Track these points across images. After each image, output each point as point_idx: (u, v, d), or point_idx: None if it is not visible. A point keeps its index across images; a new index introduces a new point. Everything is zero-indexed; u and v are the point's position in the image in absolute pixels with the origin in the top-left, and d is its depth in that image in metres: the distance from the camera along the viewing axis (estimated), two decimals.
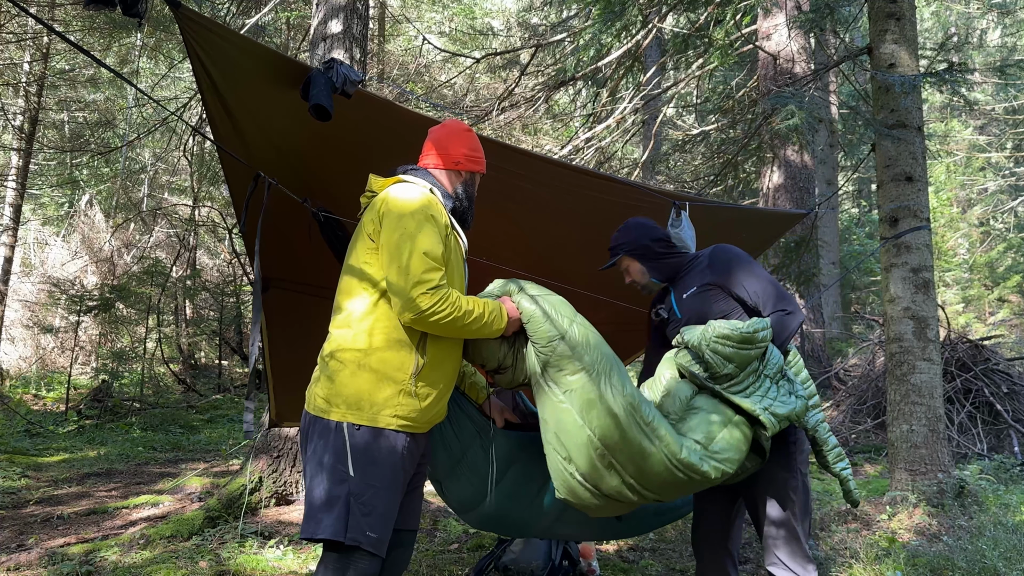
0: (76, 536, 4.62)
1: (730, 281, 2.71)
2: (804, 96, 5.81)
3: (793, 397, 2.54)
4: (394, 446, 2.28)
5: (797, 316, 2.65)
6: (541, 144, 12.77)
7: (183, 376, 12.23)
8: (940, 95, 19.74)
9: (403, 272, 2.24)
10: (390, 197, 2.37)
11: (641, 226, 2.97)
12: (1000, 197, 21.69)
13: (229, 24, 8.15)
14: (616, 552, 4.50)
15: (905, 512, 4.78)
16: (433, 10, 15.51)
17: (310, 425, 2.33)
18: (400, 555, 2.51)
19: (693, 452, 2.39)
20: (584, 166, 7.83)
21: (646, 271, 2.92)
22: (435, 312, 2.24)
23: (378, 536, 2.22)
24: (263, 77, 2.57)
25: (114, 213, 14.53)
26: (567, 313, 2.48)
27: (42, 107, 11.59)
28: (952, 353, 8.01)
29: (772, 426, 2.46)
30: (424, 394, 2.33)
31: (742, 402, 2.48)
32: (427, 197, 2.38)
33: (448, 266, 2.37)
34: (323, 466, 2.24)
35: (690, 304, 2.78)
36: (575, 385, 2.37)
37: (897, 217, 5.12)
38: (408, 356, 2.30)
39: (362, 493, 2.21)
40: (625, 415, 2.33)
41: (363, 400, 2.25)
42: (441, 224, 2.36)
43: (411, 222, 2.29)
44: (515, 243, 3.70)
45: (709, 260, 2.79)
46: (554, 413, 2.41)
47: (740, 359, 2.48)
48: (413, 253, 2.24)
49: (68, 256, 14.33)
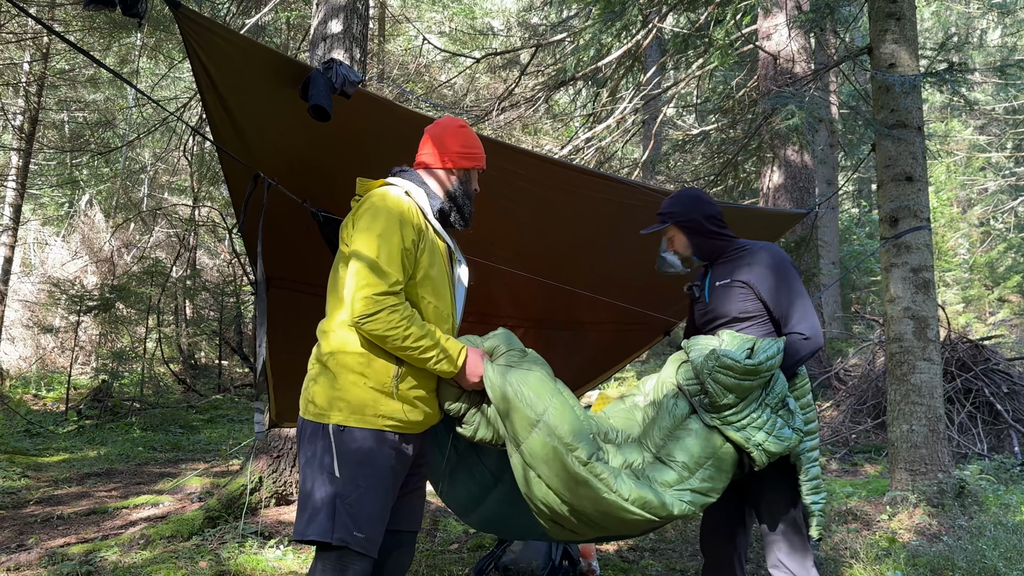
0: (76, 536, 4.62)
1: (763, 286, 2.65)
2: (804, 96, 5.81)
3: (789, 430, 2.46)
4: (382, 447, 2.26)
5: (813, 343, 2.58)
6: (541, 144, 12.77)
7: (183, 376, 12.24)
8: (940, 95, 19.74)
9: (354, 275, 2.23)
10: (365, 202, 2.34)
11: (697, 199, 2.84)
12: (1000, 197, 21.68)
13: (229, 24, 8.14)
14: (616, 552, 4.50)
15: (905, 512, 4.78)
16: (433, 10, 15.51)
17: (300, 428, 2.34)
18: (402, 556, 2.50)
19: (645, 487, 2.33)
20: (584, 166, 7.83)
21: (690, 246, 2.82)
22: (370, 320, 2.20)
23: (366, 536, 2.21)
24: (263, 77, 2.57)
25: (114, 213, 14.53)
26: (539, 403, 2.35)
27: (42, 107, 11.59)
28: (952, 353, 8.01)
29: (761, 463, 2.42)
30: (409, 397, 2.31)
31: (734, 435, 2.41)
32: (399, 202, 2.32)
33: (421, 272, 2.33)
34: (311, 468, 2.25)
35: (719, 294, 2.73)
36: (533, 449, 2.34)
37: (897, 217, 5.12)
38: (389, 359, 2.29)
39: (349, 494, 2.20)
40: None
41: (349, 402, 2.25)
42: (413, 229, 2.30)
43: (375, 227, 2.25)
44: (515, 243, 3.69)
45: (753, 257, 2.71)
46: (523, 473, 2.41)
47: (741, 390, 2.41)
48: (365, 258, 2.22)
49: (68, 256, 14.34)
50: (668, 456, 2.45)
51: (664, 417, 2.54)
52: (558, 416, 2.31)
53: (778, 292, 2.63)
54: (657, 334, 4.68)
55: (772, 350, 2.44)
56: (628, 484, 2.30)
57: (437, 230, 2.43)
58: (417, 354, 2.26)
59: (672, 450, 2.46)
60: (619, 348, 4.74)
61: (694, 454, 2.42)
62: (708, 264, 2.86)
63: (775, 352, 2.44)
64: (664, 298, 4.23)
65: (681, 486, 2.39)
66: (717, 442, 2.44)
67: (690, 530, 4.88)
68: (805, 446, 2.57)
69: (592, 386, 4.80)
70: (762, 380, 2.43)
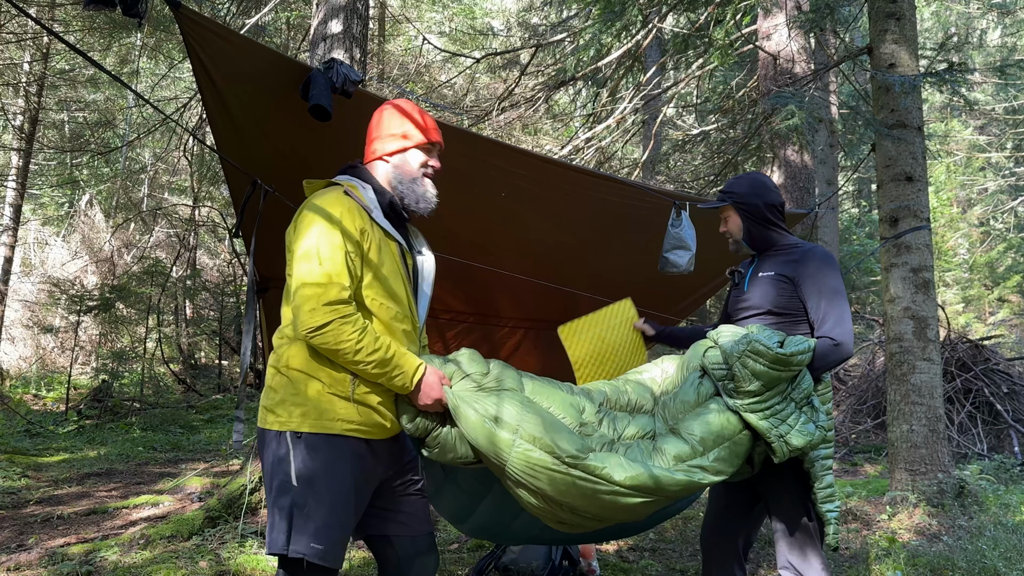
0: (76, 536, 4.62)
1: (807, 285, 2.61)
2: (804, 96, 5.81)
3: (813, 425, 2.42)
4: (342, 453, 2.14)
5: (842, 351, 2.53)
6: (541, 144, 12.78)
7: (183, 376, 12.24)
8: (940, 95, 19.75)
9: (299, 285, 2.10)
10: (303, 207, 2.22)
11: (763, 185, 2.77)
12: (1000, 197, 21.68)
13: (229, 24, 8.15)
14: (616, 552, 4.50)
15: (905, 512, 4.78)
16: (433, 10, 15.52)
17: (259, 439, 2.24)
18: (425, 562, 2.37)
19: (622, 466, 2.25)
20: (584, 166, 7.83)
21: (743, 230, 2.76)
22: (319, 333, 2.07)
23: (325, 548, 2.09)
24: (263, 77, 2.57)
25: (114, 213, 14.54)
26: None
27: (42, 107, 11.59)
28: (952, 353, 8.02)
29: (782, 455, 2.37)
30: (372, 401, 2.19)
31: (758, 423, 2.37)
32: (337, 203, 2.18)
33: (370, 273, 2.19)
34: (270, 478, 2.16)
35: (760, 285, 2.70)
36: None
37: (897, 217, 5.12)
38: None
39: (305, 503, 2.10)
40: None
41: (305, 408, 2.14)
42: (355, 230, 2.16)
43: (313, 232, 2.12)
44: (515, 243, 3.70)
45: (802, 255, 2.66)
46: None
47: (769, 379, 2.37)
48: (308, 267, 2.09)
49: (68, 256, 14.34)
50: (687, 430, 2.42)
51: (688, 392, 2.51)
52: (533, 426, 2.23)
53: (819, 294, 2.59)
54: None
55: (803, 346, 2.42)
56: (621, 467, 2.24)
57: (384, 226, 2.27)
58: (370, 368, 2.13)
59: (691, 425, 2.42)
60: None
61: (713, 432, 2.38)
62: (755, 254, 2.82)
63: (806, 348, 2.42)
64: (665, 298, 4.23)
65: (693, 461, 2.35)
66: (737, 427, 2.41)
67: (690, 530, 4.89)
68: (820, 453, 2.52)
69: None
70: (790, 373, 2.40)
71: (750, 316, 2.72)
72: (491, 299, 4.03)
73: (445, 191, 2.47)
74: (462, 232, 3.45)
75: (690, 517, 5.08)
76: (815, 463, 2.53)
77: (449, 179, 3.11)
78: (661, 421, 2.54)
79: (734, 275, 2.88)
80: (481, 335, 4.18)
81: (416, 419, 2.26)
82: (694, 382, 2.53)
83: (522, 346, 4.35)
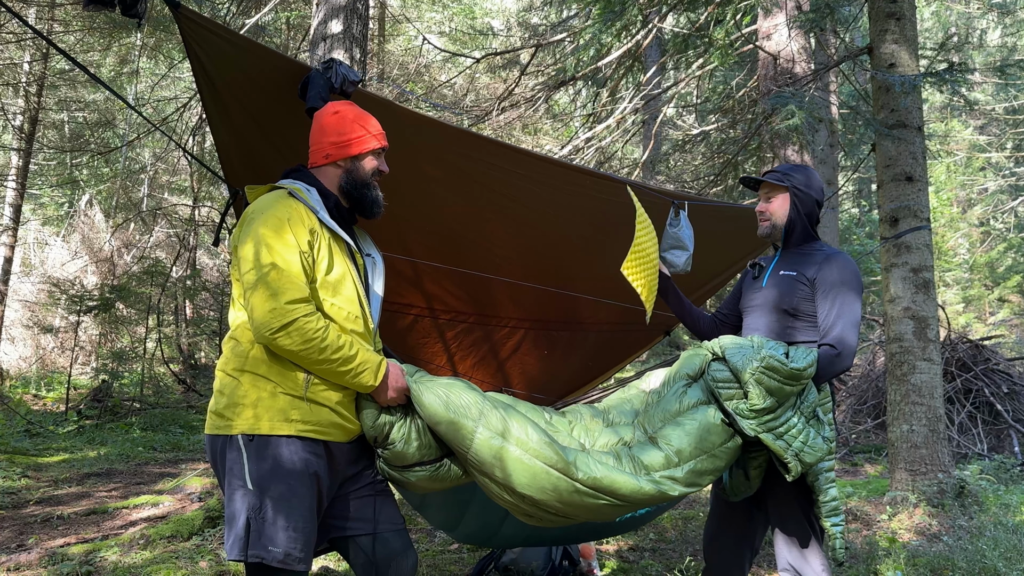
0: (76, 536, 4.62)
1: (824, 290, 2.59)
2: (804, 96, 5.81)
3: (821, 439, 2.39)
4: (298, 454, 2.10)
5: (842, 361, 2.52)
6: (541, 144, 12.78)
7: (183, 376, 12.23)
8: (940, 95, 19.73)
9: (255, 287, 2.06)
10: (248, 210, 2.20)
11: (817, 182, 2.78)
12: (1000, 197, 21.68)
13: (229, 24, 8.14)
14: (616, 552, 4.50)
15: (905, 512, 4.78)
16: (433, 10, 15.52)
17: (211, 447, 2.20)
18: (400, 563, 2.29)
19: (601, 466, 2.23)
20: (584, 166, 7.83)
21: (787, 218, 2.73)
22: (281, 334, 2.02)
23: (283, 550, 2.05)
24: (263, 77, 2.56)
25: (114, 213, 14.53)
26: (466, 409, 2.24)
27: (42, 107, 11.59)
28: (952, 353, 8.02)
29: (796, 473, 2.34)
30: (331, 400, 2.16)
31: (772, 444, 2.31)
32: (284, 205, 2.16)
33: (321, 274, 2.15)
34: (227, 484, 2.12)
35: (779, 282, 2.69)
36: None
37: (897, 217, 5.12)
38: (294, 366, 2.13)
39: (261, 507, 2.07)
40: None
41: (257, 410, 2.10)
42: (304, 230, 2.14)
43: (264, 233, 2.09)
44: (515, 243, 3.69)
45: (825, 259, 2.65)
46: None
47: (782, 395, 2.34)
48: (263, 268, 2.06)
49: (68, 256, 14.33)
50: (664, 439, 2.38)
51: (670, 401, 2.48)
52: (497, 413, 2.22)
53: (833, 301, 2.57)
54: (657, 334, 4.67)
55: (810, 358, 2.39)
56: (586, 465, 2.21)
57: (332, 227, 2.24)
58: (335, 367, 2.09)
59: (670, 435, 2.38)
60: (619, 348, 4.74)
61: (692, 443, 2.34)
62: (780, 248, 2.81)
63: (812, 360, 2.40)
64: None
65: (665, 472, 2.31)
66: (718, 440, 2.36)
67: (690, 530, 4.88)
68: (823, 466, 2.50)
69: (592, 386, 4.80)
70: (800, 387, 2.38)
71: (760, 314, 2.71)
72: (491, 299, 4.02)
73: (445, 191, 2.47)
74: (462, 232, 3.45)
75: (690, 517, 5.08)
76: (819, 476, 2.50)
77: (449, 179, 3.11)
78: (640, 429, 2.51)
79: (755, 268, 2.87)
80: (481, 335, 4.17)
81: (380, 417, 2.23)
82: (678, 391, 2.50)
83: (522, 346, 4.35)
